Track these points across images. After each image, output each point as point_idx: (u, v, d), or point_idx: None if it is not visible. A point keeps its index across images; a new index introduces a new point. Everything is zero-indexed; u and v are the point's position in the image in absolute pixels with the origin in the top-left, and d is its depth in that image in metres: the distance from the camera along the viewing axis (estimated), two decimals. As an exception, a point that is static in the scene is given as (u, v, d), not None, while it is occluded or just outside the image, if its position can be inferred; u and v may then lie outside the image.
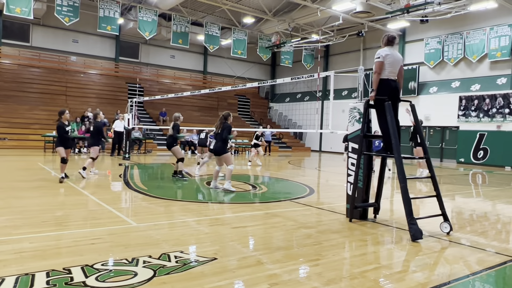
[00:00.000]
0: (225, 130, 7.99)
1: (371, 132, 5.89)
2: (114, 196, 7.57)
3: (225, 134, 7.99)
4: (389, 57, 5.35)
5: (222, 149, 8.07)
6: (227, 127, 8.05)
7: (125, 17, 23.79)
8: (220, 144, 8.07)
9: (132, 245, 4.12)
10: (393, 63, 5.38)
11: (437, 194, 5.21)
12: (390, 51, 5.40)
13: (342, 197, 6.84)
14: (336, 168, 15.46)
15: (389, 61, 5.34)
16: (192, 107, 27.76)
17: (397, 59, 5.45)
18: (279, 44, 24.68)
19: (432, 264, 3.94)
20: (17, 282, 3.04)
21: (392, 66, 5.38)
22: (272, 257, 3.88)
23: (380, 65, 5.34)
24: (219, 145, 8.08)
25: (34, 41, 23.80)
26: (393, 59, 5.38)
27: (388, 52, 5.38)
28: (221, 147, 8.07)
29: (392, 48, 5.48)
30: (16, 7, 16.87)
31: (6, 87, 21.65)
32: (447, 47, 21.18)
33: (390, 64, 5.35)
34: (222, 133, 8.00)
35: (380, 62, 5.34)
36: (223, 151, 8.06)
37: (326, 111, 27.98)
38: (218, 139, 8.14)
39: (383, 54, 5.35)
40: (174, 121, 9.86)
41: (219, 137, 8.09)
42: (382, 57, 5.33)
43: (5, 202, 6.13)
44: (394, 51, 5.47)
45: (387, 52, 5.38)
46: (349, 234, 4.97)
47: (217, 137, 8.16)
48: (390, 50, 5.43)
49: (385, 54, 5.35)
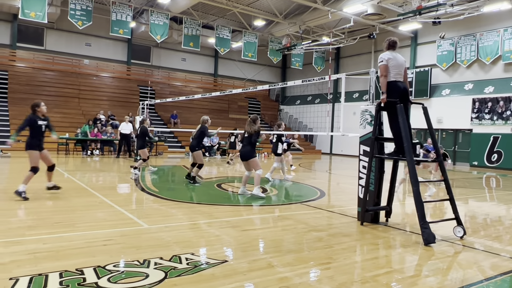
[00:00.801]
0: (254, 134, 7.74)
1: (382, 135, 5.85)
2: (125, 198, 7.63)
3: (254, 137, 7.72)
4: (391, 60, 5.40)
5: (250, 153, 7.74)
6: (257, 131, 7.78)
7: (137, 21, 24.04)
8: (248, 148, 7.75)
9: (144, 246, 4.15)
10: (397, 65, 5.43)
11: (450, 197, 5.14)
12: (392, 55, 5.47)
13: (353, 200, 6.80)
14: (347, 171, 15.37)
15: (393, 63, 5.40)
16: (202, 109, 27.83)
17: (400, 62, 5.50)
18: (289, 47, 24.68)
19: (445, 269, 3.88)
20: (31, 282, 3.08)
21: (397, 68, 5.43)
22: (283, 260, 3.87)
23: (385, 68, 5.39)
24: (247, 149, 7.77)
25: (48, 45, 24.18)
26: (396, 62, 5.43)
27: (390, 55, 5.44)
28: (249, 152, 7.74)
29: (394, 52, 5.53)
30: (30, 11, 17.16)
31: (20, 90, 22.02)
32: (460, 49, 20.94)
33: (394, 67, 5.40)
34: (251, 137, 7.73)
35: (384, 65, 5.40)
36: (251, 155, 7.73)
37: (337, 113, 27.83)
38: (245, 143, 7.85)
39: (386, 57, 5.42)
40: (202, 124, 9.42)
41: (246, 141, 7.82)
42: (385, 60, 5.40)
43: (19, 203, 6.22)
44: (396, 54, 5.52)
45: (389, 55, 5.44)
46: (360, 238, 4.94)
47: (245, 140, 7.89)
48: (392, 53, 5.49)
49: (387, 57, 5.42)
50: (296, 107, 31.71)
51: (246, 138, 7.84)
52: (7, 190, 7.69)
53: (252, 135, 7.72)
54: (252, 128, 7.75)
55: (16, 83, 22.16)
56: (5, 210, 5.72)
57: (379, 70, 5.48)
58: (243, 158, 7.88)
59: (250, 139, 7.76)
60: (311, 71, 27.31)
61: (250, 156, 7.73)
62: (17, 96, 21.60)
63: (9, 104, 21.00)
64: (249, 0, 21.14)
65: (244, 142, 7.89)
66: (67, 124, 20.20)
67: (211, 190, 8.86)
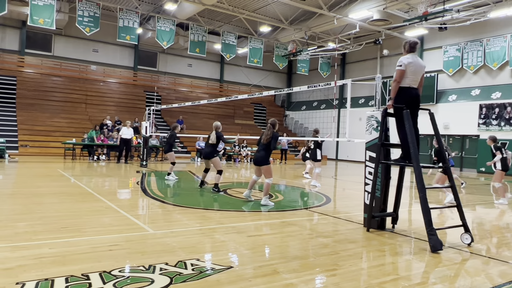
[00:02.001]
0: (273, 140, 7.39)
1: (389, 141, 5.83)
2: (131, 203, 7.65)
3: (273, 144, 7.38)
4: (411, 65, 5.20)
5: (264, 159, 7.44)
6: (276, 136, 7.43)
7: (144, 27, 24.24)
8: (263, 153, 7.45)
9: (149, 252, 4.15)
10: (415, 71, 5.25)
11: (458, 204, 5.09)
12: (413, 59, 5.25)
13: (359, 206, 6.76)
14: (353, 176, 15.30)
15: (412, 69, 5.21)
16: (208, 115, 27.97)
17: (420, 67, 5.31)
18: (295, 53, 24.73)
19: (452, 276, 3.84)
20: (37, 287, 3.09)
21: (415, 74, 5.26)
22: (289, 266, 3.85)
23: (401, 73, 5.21)
24: (261, 155, 7.46)
25: (56, 51, 24.45)
26: (415, 67, 5.24)
27: (410, 59, 5.23)
28: (263, 157, 7.44)
29: (415, 55, 5.33)
30: (39, 18, 17.38)
31: (29, 95, 22.26)
32: (466, 55, 20.86)
33: (412, 72, 5.23)
34: (270, 142, 7.39)
35: (401, 70, 5.20)
36: (265, 161, 7.44)
37: (342, 119, 27.81)
38: (261, 148, 7.53)
39: (406, 62, 5.20)
40: (216, 130, 9.15)
41: (262, 146, 7.50)
42: (404, 65, 5.19)
43: (26, 208, 6.26)
44: (416, 58, 5.33)
45: (410, 60, 5.23)
46: (366, 244, 4.90)
47: (260, 145, 7.57)
48: (412, 57, 5.28)
49: (408, 62, 5.20)
50: (301, 113, 31.71)
51: (262, 143, 7.54)
52: (15, 195, 7.75)
53: (271, 139, 7.39)
54: (270, 131, 7.46)
55: (24, 88, 22.40)
56: (12, 215, 5.76)
57: (395, 73, 5.30)
58: (256, 162, 7.61)
59: (267, 144, 7.45)
60: (317, 76, 27.33)
61: (264, 162, 7.45)
62: (25, 101, 21.84)
63: (17, 110, 21.22)
64: (255, 6, 21.26)
65: (260, 147, 7.58)
66: (73, 130, 20.37)
67: (217, 195, 8.85)
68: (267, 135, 7.45)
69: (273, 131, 7.45)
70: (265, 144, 7.45)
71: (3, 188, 8.89)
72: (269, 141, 7.42)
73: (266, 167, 7.44)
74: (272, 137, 7.40)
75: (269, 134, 7.44)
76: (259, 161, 7.50)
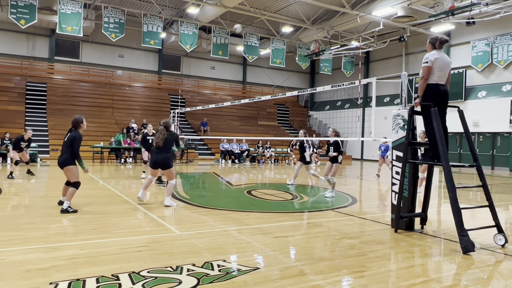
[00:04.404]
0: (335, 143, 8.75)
1: (416, 140, 5.70)
2: (158, 205, 7.76)
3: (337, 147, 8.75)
4: (438, 61, 5.11)
5: (336, 158, 8.78)
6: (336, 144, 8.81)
7: (167, 31, 24.62)
8: (335, 156, 8.85)
9: (176, 253, 4.20)
10: (442, 67, 5.14)
11: (490, 204, 4.93)
12: (439, 55, 5.16)
13: (386, 207, 6.65)
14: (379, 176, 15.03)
15: (439, 65, 5.11)
16: (232, 116, 28.13)
17: (446, 63, 5.21)
18: (318, 52, 24.54)
19: (485, 279, 3.72)
20: (70, 287, 3.18)
21: (442, 70, 5.15)
22: (315, 267, 3.82)
23: (428, 70, 5.11)
24: (334, 157, 8.78)
25: (84, 57, 25.16)
26: (442, 63, 5.14)
27: (437, 55, 5.13)
28: (335, 158, 8.79)
29: (441, 51, 5.23)
30: (67, 26, 17.96)
31: (58, 101, 23.00)
32: (496, 49, 20.18)
33: (439, 68, 5.12)
34: (338, 145, 8.72)
35: (428, 67, 5.11)
36: (337, 160, 8.75)
37: (367, 118, 27.41)
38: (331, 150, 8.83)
39: (432, 58, 5.11)
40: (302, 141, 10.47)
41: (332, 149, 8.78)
42: (430, 61, 5.09)
43: (58, 210, 6.46)
44: (443, 55, 5.23)
45: (436, 55, 5.13)
46: (394, 245, 4.81)
47: (329, 148, 8.95)
48: (439, 53, 5.18)
49: (434, 58, 5.10)
50: (325, 113, 31.44)
51: (329, 145, 8.88)
52: (47, 197, 8.01)
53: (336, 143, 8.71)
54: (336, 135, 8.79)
55: (54, 94, 23.16)
56: (45, 217, 5.95)
57: (421, 70, 5.21)
58: (331, 160, 8.82)
59: (335, 146, 8.73)
60: (340, 76, 27.05)
61: (336, 161, 8.72)
62: (55, 107, 22.57)
63: (48, 115, 21.95)
64: (276, 7, 21.24)
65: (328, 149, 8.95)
66: (101, 133, 20.89)
67: (242, 196, 8.88)
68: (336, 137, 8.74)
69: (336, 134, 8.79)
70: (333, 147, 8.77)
71: (36, 191, 9.22)
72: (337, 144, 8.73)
73: (336, 165, 8.75)
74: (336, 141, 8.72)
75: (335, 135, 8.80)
76: (333, 160, 8.76)
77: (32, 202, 7.44)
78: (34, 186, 10.03)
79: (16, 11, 17.21)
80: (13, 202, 7.32)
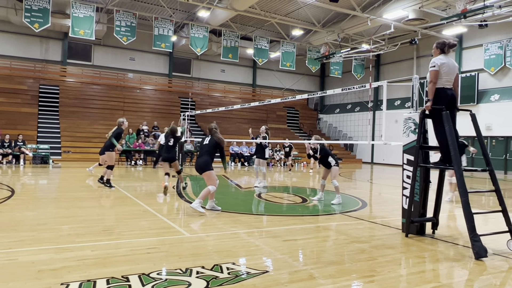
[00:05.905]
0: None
1: (427, 143, 5.65)
2: (168, 207, 7.81)
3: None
4: (444, 65, 5.16)
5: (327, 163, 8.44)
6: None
7: (178, 35, 24.80)
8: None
9: (185, 255, 4.22)
10: (449, 71, 5.19)
11: (503, 209, 4.85)
12: (445, 59, 5.22)
13: (397, 211, 6.58)
14: (389, 180, 14.92)
15: (445, 70, 5.16)
16: (241, 119, 28.17)
17: (452, 67, 5.25)
18: (328, 55, 24.50)
19: (498, 285, 3.66)
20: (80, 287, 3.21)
21: (448, 75, 5.20)
22: (324, 271, 3.80)
23: (435, 74, 5.16)
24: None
25: (95, 60, 25.45)
26: (448, 68, 5.19)
27: (443, 60, 5.19)
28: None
29: (447, 56, 5.29)
30: (80, 30, 18.21)
31: (70, 103, 23.29)
32: (509, 52, 19.91)
33: (446, 73, 5.17)
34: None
35: (435, 71, 5.16)
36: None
37: (378, 121, 27.24)
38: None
39: (439, 63, 5.17)
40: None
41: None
42: (437, 66, 5.15)
43: (69, 211, 6.53)
44: (449, 59, 5.27)
45: (443, 60, 5.19)
46: (405, 250, 4.76)
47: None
48: (445, 58, 5.24)
49: (441, 62, 5.16)
50: (335, 116, 31.32)
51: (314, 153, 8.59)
52: (59, 199, 8.10)
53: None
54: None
55: (66, 97, 23.46)
56: (57, 218, 6.02)
57: (428, 75, 5.27)
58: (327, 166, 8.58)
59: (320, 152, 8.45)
60: (351, 79, 26.94)
61: (329, 165, 8.43)
62: (67, 109, 22.86)
63: (60, 117, 22.24)
64: (286, 10, 21.26)
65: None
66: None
67: (251, 199, 8.88)
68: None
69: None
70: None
71: (48, 192, 9.33)
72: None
73: (332, 168, 8.32)
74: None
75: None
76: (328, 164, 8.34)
77: (43, 204, 7.53)
78: (46, 188, 10.15)
79: (30, 15, 17.51)
80: (25, 203, 7.41)
